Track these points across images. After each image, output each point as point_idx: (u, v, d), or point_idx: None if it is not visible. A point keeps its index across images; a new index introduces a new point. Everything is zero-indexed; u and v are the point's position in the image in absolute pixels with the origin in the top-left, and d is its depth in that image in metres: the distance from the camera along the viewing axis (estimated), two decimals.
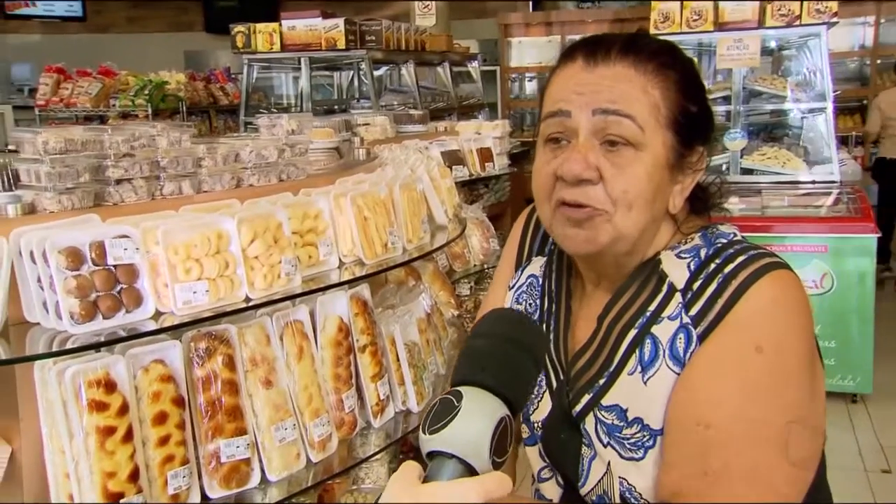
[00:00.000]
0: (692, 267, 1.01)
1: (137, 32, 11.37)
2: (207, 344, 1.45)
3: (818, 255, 4.01)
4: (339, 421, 1.68)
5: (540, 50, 8.46)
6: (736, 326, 0.94)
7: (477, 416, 0.71)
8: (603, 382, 1.04)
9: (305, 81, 5.93)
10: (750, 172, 4.94)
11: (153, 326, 1.37)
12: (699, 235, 1.05)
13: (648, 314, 1.02)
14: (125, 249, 1.37)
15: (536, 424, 1.15)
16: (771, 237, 4.01)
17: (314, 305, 1.67)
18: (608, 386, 1.04)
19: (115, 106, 6.46)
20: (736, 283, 0.96)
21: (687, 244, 1.05)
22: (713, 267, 0.99)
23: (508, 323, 0.83)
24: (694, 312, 0.98)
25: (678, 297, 1.00)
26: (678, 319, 0.99)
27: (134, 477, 1.32)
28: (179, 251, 1.40)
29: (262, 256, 1.50)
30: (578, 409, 1.06)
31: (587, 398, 1.05)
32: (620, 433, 1.02)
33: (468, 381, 0.74)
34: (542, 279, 1.21)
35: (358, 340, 1.75)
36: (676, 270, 1.02)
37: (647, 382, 1.00)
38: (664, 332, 1.00)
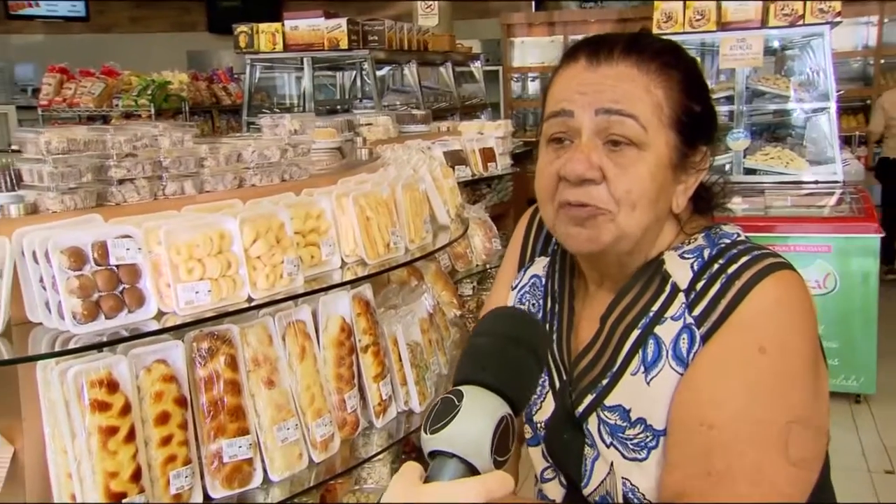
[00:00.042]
0: (695, 267, 1.01)
1: (140, 32, 11.36)
2: (210, 344, 1.45)
3: (821, 255, 4.01)
4: (341, 421, 1.68)
5: (542, 50, 8.45)
6: (739, 327, 0.94)
7: (478, 415, 0.70)
8: (606, 383, 1.04)
9: (308, 81, 5.92)
10: (753, 172, 4.93)
11: (155, 326, 1.37)
12: (702, 235, 1.05)
13: (651, 314, 1.02)
14: (127, 249, 1.37)
15: (539, 425, 1.15)
16: (774, 237, 4.00)
17: (316, 305, 1.66)
18: (611, 386, 1.03)
19: (118, 106, 6.47)
20: (739, 283, 0.95)
21: (690, 244, 1.04)
22: (717, 267, 0.99)
23: (510, 321, 0.83)
24: (697, 313, 0.98)
25: (681, 297, 1.00)
26: (681, 320, 0.99)
27: (136, 477, 1.32)
28: (182, 251, 1.40)
29: (264, 256, 1.50)
30: (581, 409, 1.06)
31: (590, 398, 1.05)
32: (623, 433, 1.02)
33: (469, 380, 0.74)
34: (545, 279, 1.20)
35: (360, 340, 1.75)
36: (680, 271, 1.02)
37: (650, 383, 1.00)
38: (667, 332, 1.00)
